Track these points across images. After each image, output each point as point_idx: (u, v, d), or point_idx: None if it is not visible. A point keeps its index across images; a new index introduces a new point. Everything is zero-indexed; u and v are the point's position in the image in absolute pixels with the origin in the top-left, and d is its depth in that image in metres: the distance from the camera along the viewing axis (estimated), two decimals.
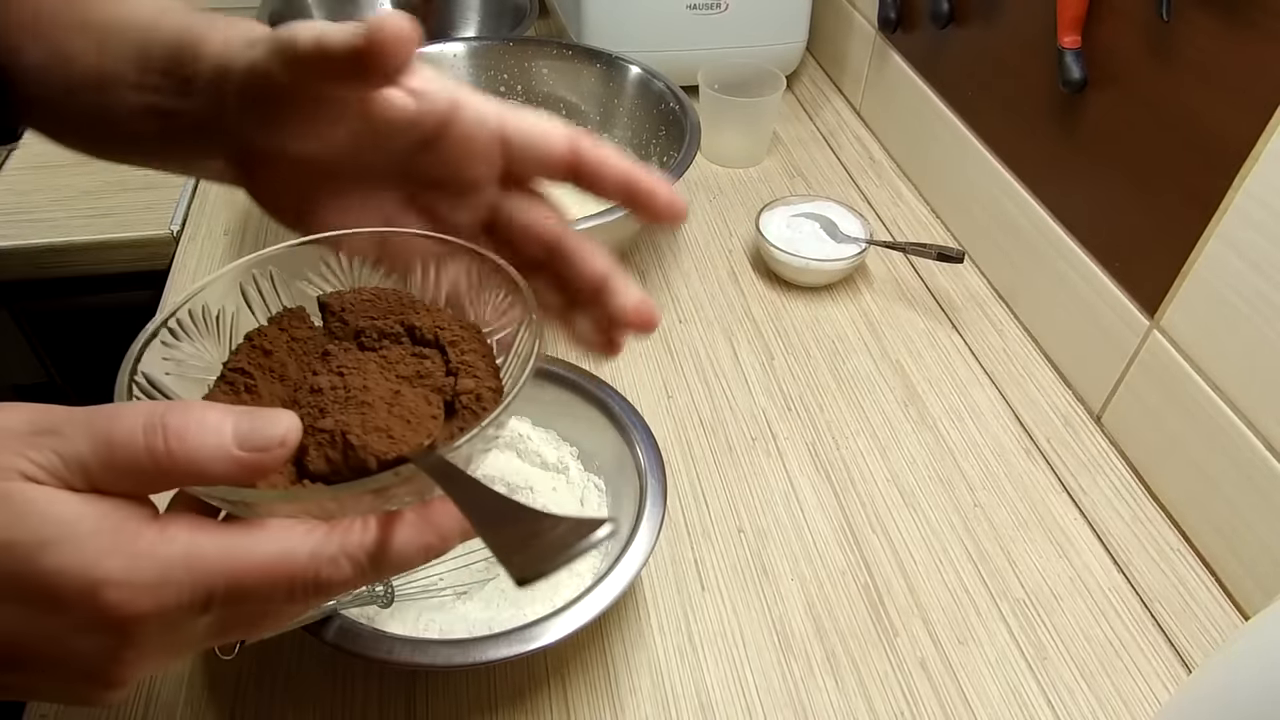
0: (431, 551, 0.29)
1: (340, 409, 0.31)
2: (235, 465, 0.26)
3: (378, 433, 0.30)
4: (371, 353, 0.34)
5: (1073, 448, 0.67)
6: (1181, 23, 0.57)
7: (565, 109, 0.90)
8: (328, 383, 0.32)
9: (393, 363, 0.33)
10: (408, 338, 0.34)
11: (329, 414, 0.30)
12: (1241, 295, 0.55)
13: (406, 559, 0.28)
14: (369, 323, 0.35)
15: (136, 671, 0.27)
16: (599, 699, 0.52)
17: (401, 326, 0.35)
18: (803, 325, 0.77)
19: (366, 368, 0.33)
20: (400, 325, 0.35)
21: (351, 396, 0.31)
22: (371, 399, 0.31)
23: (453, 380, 0.33)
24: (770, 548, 0.60)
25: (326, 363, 0.33)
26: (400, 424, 0.30)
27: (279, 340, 0.34)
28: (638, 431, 0.56)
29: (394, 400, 0.31)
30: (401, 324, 0.35)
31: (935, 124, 0.87)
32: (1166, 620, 0.57)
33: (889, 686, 0.53)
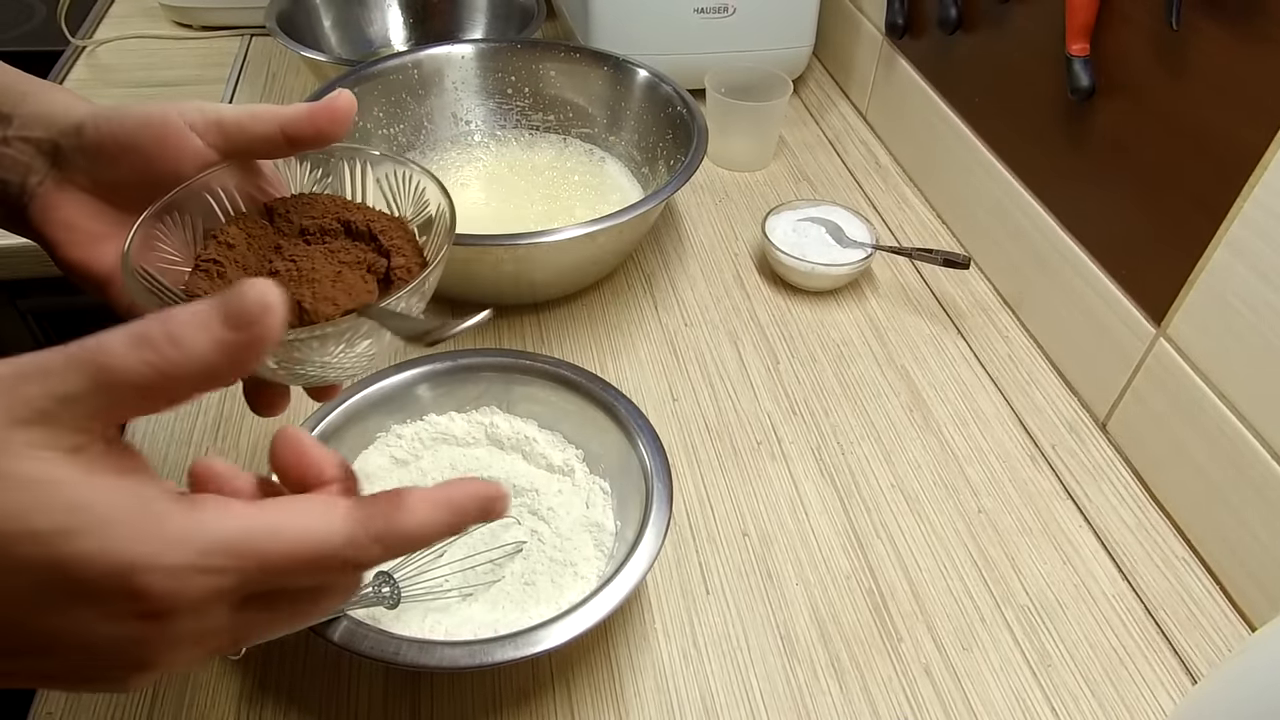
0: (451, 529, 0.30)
1: (295, 286, 0.38)
2: (232, 347, 0.26)
3: (326, 300, 0.37)
4: (316, 245, 0.41)
5: (1078, 455, 0.67)
6: (1191, 32, 0.57)
7: (572, 111, 0.90)
8: (283, 267, 0.39)
9: (334, 251, 0.40)
10: (344, 231, 0.42)
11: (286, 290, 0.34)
12: (1248, 304, 0.55)
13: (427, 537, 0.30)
14: (310, 221, 0.42)
15: (165, 659, 0.27)
16: (603, 702, 0.52)
17: (338, 222, 0.42)
18: (808, 330, 0.77)
19: (314, 255, 0.40)
20: (337, 221, 0.42)
21: (304, 276, 0.39)
22: (319, 277, 0.38)
23: (385, 260, 0.40)
24: (775, 552, 0.60)
25: (279, 253, 0.41)
26: (344, 294, 0.38)
27: (239, 236, 0.41)
28: (643, 435, 0.57)
29: (336, 278, 0.39)
30: (338, 220, 0.42)
31: (942, 130, 0.87)
32: (1171, 629, 0.57)
33: (893, 691, 0.53)
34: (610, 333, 0.76)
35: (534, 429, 0.61)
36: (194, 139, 0.40)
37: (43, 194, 0.41)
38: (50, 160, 0.41)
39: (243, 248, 0.40)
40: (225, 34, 1.17)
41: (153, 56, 1.12)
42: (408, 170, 0.43)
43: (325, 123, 0.40)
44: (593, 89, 0.89)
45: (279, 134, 0.40)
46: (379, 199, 0.44)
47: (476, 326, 0.33)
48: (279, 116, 0.40)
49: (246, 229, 0.41)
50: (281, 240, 0.41)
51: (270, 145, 0.41)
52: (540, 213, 0.82)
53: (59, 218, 0.41)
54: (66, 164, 0.41)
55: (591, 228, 0.67)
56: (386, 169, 0.44)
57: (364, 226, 0.41)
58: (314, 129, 0.40)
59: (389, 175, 0.44)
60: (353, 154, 0.44)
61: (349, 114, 0.40)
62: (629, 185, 0.86)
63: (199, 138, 0.40)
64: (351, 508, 0.29)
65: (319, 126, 0.40)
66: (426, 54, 0.88)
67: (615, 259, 0.79)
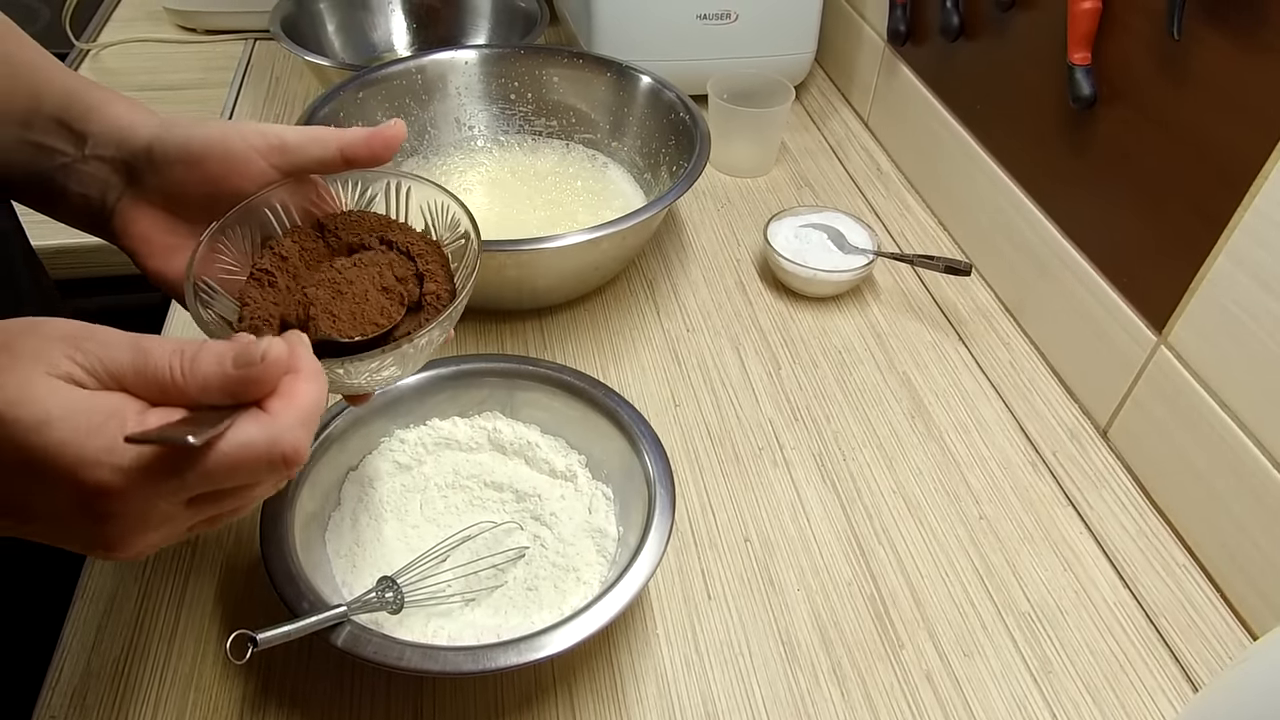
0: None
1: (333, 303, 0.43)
2: (231, 380, 0.33)
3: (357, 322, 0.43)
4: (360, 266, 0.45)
5: (1079, 462, 0.67)
6: (1192, 41, 0.57)
7: (575, 117, 0.91)
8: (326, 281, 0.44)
9: (375, 269, 0.45)
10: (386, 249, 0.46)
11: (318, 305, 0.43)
12: (1249, 312, 0.55)
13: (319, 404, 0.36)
14: (356, 238, 0.46)
15: (130, 542, 0.33)
16: (605, 707, 0.52)
17: (381, 241, 0.46)
18: (810, 336, 0.77)
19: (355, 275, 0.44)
20: (380, 240, 0.46)
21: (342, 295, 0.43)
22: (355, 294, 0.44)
23: (418, 284, 0.45)
24: (777, 558, 0.60)
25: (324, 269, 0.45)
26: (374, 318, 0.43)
27: (292, 249, 0.45)
28: (646, 441, 0.57)
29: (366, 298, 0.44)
30: (381, 238, 0.46)
31: (943, 137, 0.87)
32: (1172, 636, 0.57)
33: (894, 698, 0.53)
34: (613, 338, 0.76)
35: (536, 434, 0.61)
36: (258, 161, 0.44)
37: (121, 209, 0.46)
38: (125, 178, 0.46)
39: (295, 259, 0.45)
40: (229, 38, 1.17)
41: (157, 60, 1.12)
42: (443, 199, 0.48)
43: (380, 147, 0.45)
44: (595, 95, 0.89)
45: (338, 156, 0.45)
46: (417, 220, 0.48)
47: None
48: (339, 140, 0.45)
49: (300, 242, 0.46)
50: (328, 256, 0.46)
51: (327, 165, 0.45)
52: (543, 218, 0.82)
53: (136, 231, 0.46)
54: (139, 182, 0.45)
55: (594, 233, 0.68)
56: (427, 194, 0.48)
57: (404, 248, 0.46)
58: (369, 151, 0.45)
59: (429, 202, 0.48)
60: (397, 177, 0.48)
61: (400, 140, 0.45)
62: (631, 191, 0.87)
63: (262, 159, 0.44)
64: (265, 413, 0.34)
65: (374, 150, 0.45)
66: (430, 59, 0.88)
67: (618, 265, 0.80)
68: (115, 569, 0.57)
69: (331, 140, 0.44)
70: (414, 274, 0.45)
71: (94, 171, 0.46)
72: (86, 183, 0.46)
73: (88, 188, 0.46)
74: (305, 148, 0.45)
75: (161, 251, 0.46)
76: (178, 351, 0.33)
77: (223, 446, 0.32)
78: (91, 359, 0.32)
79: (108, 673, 0.53)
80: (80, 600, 0.56)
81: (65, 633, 0.54)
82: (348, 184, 0.48)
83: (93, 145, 0.45)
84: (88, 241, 0.81)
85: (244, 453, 0.33)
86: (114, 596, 0.56)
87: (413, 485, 0.59)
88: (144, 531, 0.33)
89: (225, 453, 0.32)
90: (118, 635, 0.54)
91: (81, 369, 0.32)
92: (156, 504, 0.32)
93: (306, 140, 0.45)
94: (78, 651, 0.54)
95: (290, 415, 0.34)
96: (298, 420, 0.34)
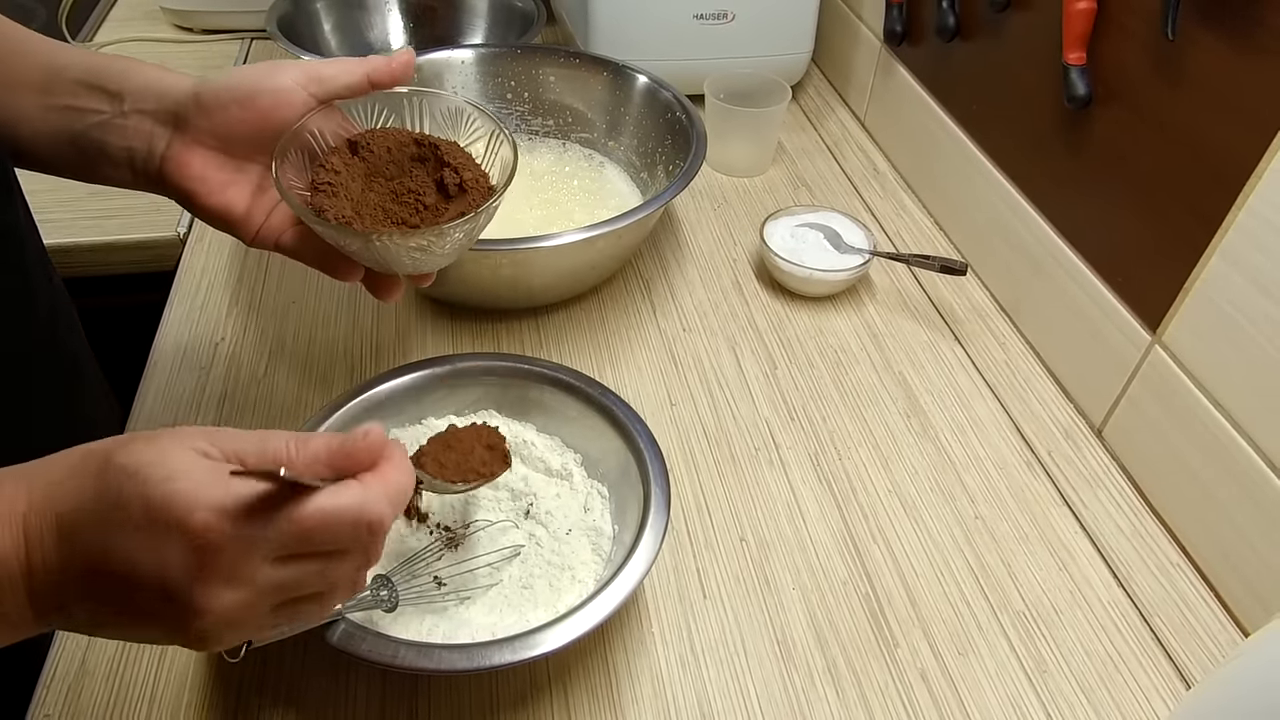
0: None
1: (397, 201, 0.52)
2: (335, 455, 0.38)
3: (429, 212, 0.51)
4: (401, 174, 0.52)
5: (1074, 461, 0.68)
6: (1186, 42, 0.57)
7: (572, 116, 0.91)
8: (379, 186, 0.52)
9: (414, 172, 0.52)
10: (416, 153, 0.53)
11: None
12: (1243, 312, 0.55)
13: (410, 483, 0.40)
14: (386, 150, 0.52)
15: (212, 600, 0.34)
16: (600, 706, 0.52)
17: (411, 144, 0.52)
18: (806, 335, 0.77)
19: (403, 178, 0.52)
20: (409, 145, 0.52)
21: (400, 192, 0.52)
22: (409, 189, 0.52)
23: (456, 174, 0.51)
24: (772, 557, 0.60)
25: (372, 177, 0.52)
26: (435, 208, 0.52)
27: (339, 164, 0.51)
28: (642, 439, 0.57)
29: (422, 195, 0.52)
30: (409, 144, 0.52)
31: (940, 136, 0.88)
32: (1166, 635, 0.57)
33: (889, 697, 0.53)
34: (609, 338, 0.76)
35: (532, 433, 0.61)
36: (300, 92, 0.49)
37: (172, 155, 0.49)
38: (172, 127, 0.49)
39: (344, 173, 0.51)
40: (226, 37, 1.17)
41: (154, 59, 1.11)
42: (457, 104, 0.54)
43: (399, 69, 0.51)
44: (592, 94, 0.89)
45: (364, 79, 0.51)
46: (435, 129, 0.54)
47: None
48: (364, 66, 0.51)
49: (342, 158, 0.51)
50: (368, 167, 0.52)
51: (355, 89, 0.51)
52: (539, 217, 0.83)
53: (192, 173, 0.49)
54: (189, 127, 0.49)
55: (590, 232, 0.68)
56: (440, 105, 0.54)
57: (430, 150, 0.52)
58: (390, 75, 0.51)
59: (443, 110, 0.54)
60: (414, 95, 0.54)
61: (413, 63, 0.51)
62: (628, 190, 0.87)
63: (303, 90, 0.49)
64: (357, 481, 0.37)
65: (394, 72, 0.51)
66: (426, 59, 0.88)
67: (614, 264, 0.80)
68: None
69: (358, 68, 0.51)
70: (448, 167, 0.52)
71: (136, 125, 0.49)
72: (130, 136, 0.49)
73: (131, 140, 0.49)
74: (338, 76, 0.50)
75: (220, 187, 0.50)
76: (294, 436, 0.38)
77: (317, 499, 0.36)
78: (221, 442, 0.37)
79: (102, 671, 0.53)
80: None
81: (60, 631, 0.54)
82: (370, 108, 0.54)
83: (133, 101, 0.49)
84: (88, 241, 0.82)
85: (334, 511, 0.36)
86: None
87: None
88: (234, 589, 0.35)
89: (318, 505, 0.35)
90: None
91: (212, 447, 0.36)
92: (251, 555, 0.35)
93: (338, 70, 0.50)
94: (72, 650, 0.54)
95: (379, 488, 0.37)
96: (385, 494, 0.38)
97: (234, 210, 0.50)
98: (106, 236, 0.82)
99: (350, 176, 0.51)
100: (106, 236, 0.82)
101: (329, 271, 0.51)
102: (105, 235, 0.83)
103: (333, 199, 0.50)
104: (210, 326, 0.75)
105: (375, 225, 0.50)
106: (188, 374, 0.71)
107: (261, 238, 0.51)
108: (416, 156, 0.53)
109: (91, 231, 0.83)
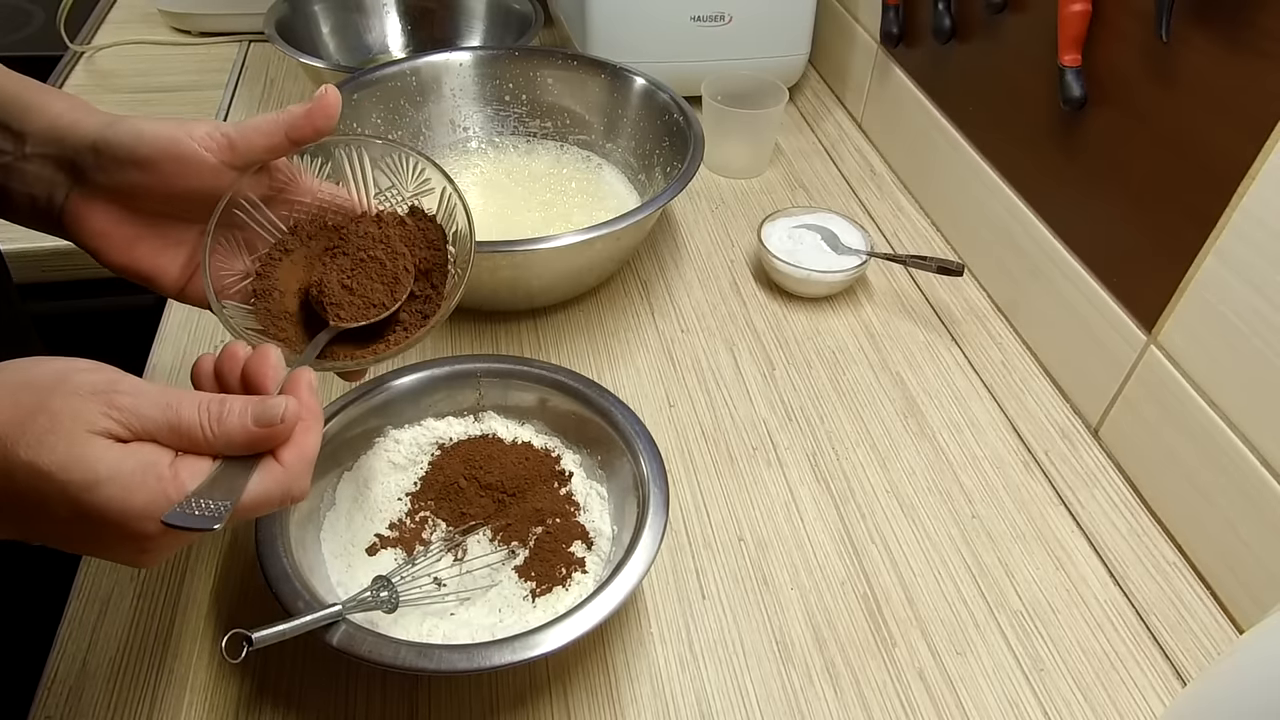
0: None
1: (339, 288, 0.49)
2: (252, 435, 0.38)
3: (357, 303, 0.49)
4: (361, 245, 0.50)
5: (1070, 461, 0.68)
6: (1180, 43, 0.58)
7: (569, 118, 0.91)
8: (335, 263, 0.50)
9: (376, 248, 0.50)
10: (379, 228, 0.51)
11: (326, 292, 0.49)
12: (1237, 312, 0.56)
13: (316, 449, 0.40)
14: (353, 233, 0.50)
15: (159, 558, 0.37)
16: (600, 706, 0.53)
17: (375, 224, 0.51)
18: (804, 336, 0.77)
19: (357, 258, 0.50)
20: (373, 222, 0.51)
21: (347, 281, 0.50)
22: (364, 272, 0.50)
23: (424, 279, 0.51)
24: (770, 557, 0.60)
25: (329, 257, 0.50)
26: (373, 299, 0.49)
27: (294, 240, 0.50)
28: (640, 440, 0.57)
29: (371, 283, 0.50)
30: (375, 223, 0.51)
31: (936, 138, 0.88)
32: (1162, 634, 0.58)
33: (887, 696, 0.54)
34: (607, 339, 0.76)
35: (531, 434, 0.62)
36: (209, 159, 0.45)
37: (70, 208, 0.45)
38: (70, 176, 0.45)
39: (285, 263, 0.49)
40: (223, 40, 1.17)
41: (151, 62, 1.12)
42: (404, 154, 0.51)
43: (321, 118, 0.46)
44: (590, 96, 0.90)
45: (284, 139, 0.46)
46: (380, 178, 0.52)
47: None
48: (281, 123, 0.45)
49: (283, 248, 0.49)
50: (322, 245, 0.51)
51: (276, 150, 0.46)
52: (537, 219, 0.83)
53: (91, 228, 0.46)
54: (86, 180, 0.45)
55: (588, 234, 0.68)
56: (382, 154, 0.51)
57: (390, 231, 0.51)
58: (312, 126, 0.46)
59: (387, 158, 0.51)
60: (348, 142, 0.51)
61: (336, 107, 0.46)
62: (626, 192, 0.87)
63: (213, 157, 0.45)
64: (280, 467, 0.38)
65: (315, 123, 0.46)
66: (425, 61, 0.88)
67: (612, 265, 0.80)
68: (111, 569, 0.58)
69: (273, 126, 0.46)
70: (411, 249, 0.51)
71: (37, 170, 0.45)
72: (30, 181, 0.45)
73: (32, 186, 0.46)
74: (251, 139, 0.45)
75: (122, 245, 0.46)
76: (205, 408, 0.37)
77: (245, 500, 0.37)
78: (126, 415, 0.35)
79: (104, 673, 0.53)
80: (76, 600, 0.56)
81: (61, 633, 0.54)
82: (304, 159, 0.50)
83: (33, 144, 0.45)
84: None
85: (262, 502, 0.38)
86: (110, 596, 0.56)
87: (408, 485, 0.59)
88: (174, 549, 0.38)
89: (246, 505, 0.37)
90: (114, 635, 0.54)
91: (118, 424, 0.35)
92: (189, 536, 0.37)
93: (251, 132, 0.45)
94: (74, 652, 0.54)
95: (300, 464, 0.39)
96: (305, 469, 0.39)
97: (141, 266, 0.47)
98: None
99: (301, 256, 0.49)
100: None
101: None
102: None
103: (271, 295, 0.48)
104: (210, 329, 0.75)
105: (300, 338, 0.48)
106: (187, 377, 0.71)
107: (189, 295, 0.48)
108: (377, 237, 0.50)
109: None
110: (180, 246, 0.48)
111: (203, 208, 0.46)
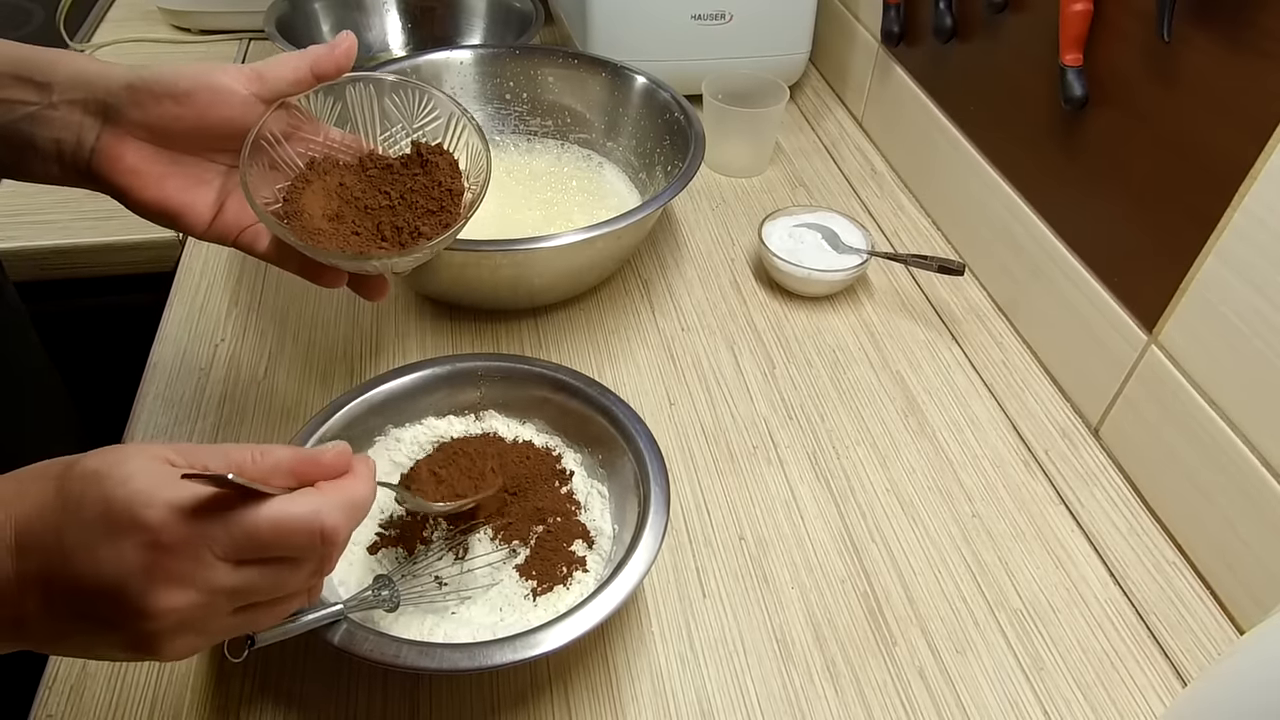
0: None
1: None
2: (297, 462, 0.39)
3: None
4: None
5: (1070, 460, 0.68)
6: (1181, 43, 0.58)
7: (570, 117, 0.91)
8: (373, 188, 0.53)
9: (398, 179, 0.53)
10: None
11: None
12: (1238, 312, 0.56)
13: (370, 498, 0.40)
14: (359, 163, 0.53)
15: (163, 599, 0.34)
16: (600, 704, 0.53)
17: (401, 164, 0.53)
18: (804, 335, 0.77)
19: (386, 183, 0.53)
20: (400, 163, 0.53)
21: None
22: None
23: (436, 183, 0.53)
24: (771, 556, 0.60)
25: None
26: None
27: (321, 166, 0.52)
28: (641, 439, 0.57)
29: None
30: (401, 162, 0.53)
31: (937, 137, 0.88)
32: (1162, 633, 0.58)
33: (887, 695, 0.54)
34: (608, 338, 0.76)
35: (531, 433, 0.62)
36: (240, 90, 0.48)
37: (101, 147, 0.47)
38: (101, 118, 0.47)
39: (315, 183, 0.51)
40: (223, 38, 1.17)
41: (151, 60, 1.12)
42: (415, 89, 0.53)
43: (342, 56, 0.50)
44: (590, 95, 0.90)
45: (308, 73, 0.49)
46: (395, 114, 0.54)
47: None
48: (306, 59, 0.50)
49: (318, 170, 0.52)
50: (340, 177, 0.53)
51: (300, 83, 0.50)
52: (538, 218, 0.83)
53: (125, 165, 0.47)
54: (120, 118, 0.47)
55: (589, 233, 0.68)
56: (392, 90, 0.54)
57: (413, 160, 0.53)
58: (334, 64, 0.50)
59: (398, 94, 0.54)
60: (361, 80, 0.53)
61: (354, 48, 0.50)
62: (626, 191, 0.87)
63: (243, 88, 0.48)
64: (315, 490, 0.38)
65: (337, 60, 0.50)
66: (425, 59, 0.88)
67: (613, 264, 0.80)
68: None
69: (299, 60, 0.49)
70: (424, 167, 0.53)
71: (65, 116, 0.47)
72: (58, 127, 0.47)
73: (59, 132, 0.47)
74: (279, 73, 0.49)
75: (153, 181, 0.48)
76: (256, 447, 0.38)
77: (272, 505, 0.36)
78: (184, 453, 0.37)
79: (104, 672, 0.53)
80: None
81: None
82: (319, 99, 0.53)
83: (61, 91, 0.47)
84: (87, 242, 0.82)
85: (287, 517, 0.36)
86: None
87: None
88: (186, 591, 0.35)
89: (272, 511, 0.36)
90: None
91: (176, 455, 0.37)
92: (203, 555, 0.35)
93: (278, 66, 0.49)
94: None
95: (337, 498, 0.38)
96: (342, 503, 0.38)
97: (172, 203, 0.48)
98: (105, 237, 0.83)
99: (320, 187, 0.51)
100: (105, 237, 0.83)
101: (311, 278, 0.51)
102: (104, 236, 0.83)
103: (302, 216, 0.49)
104: (210, 328, 0.75)
105: (345, 242, 0.49)
106: (187, 375, 0.71)
107: (216, 231, 0.50)
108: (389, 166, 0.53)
109: (90, 232, 0.83)
110: (208, 185, 0.50)
111: (231, 142, 0.49)
